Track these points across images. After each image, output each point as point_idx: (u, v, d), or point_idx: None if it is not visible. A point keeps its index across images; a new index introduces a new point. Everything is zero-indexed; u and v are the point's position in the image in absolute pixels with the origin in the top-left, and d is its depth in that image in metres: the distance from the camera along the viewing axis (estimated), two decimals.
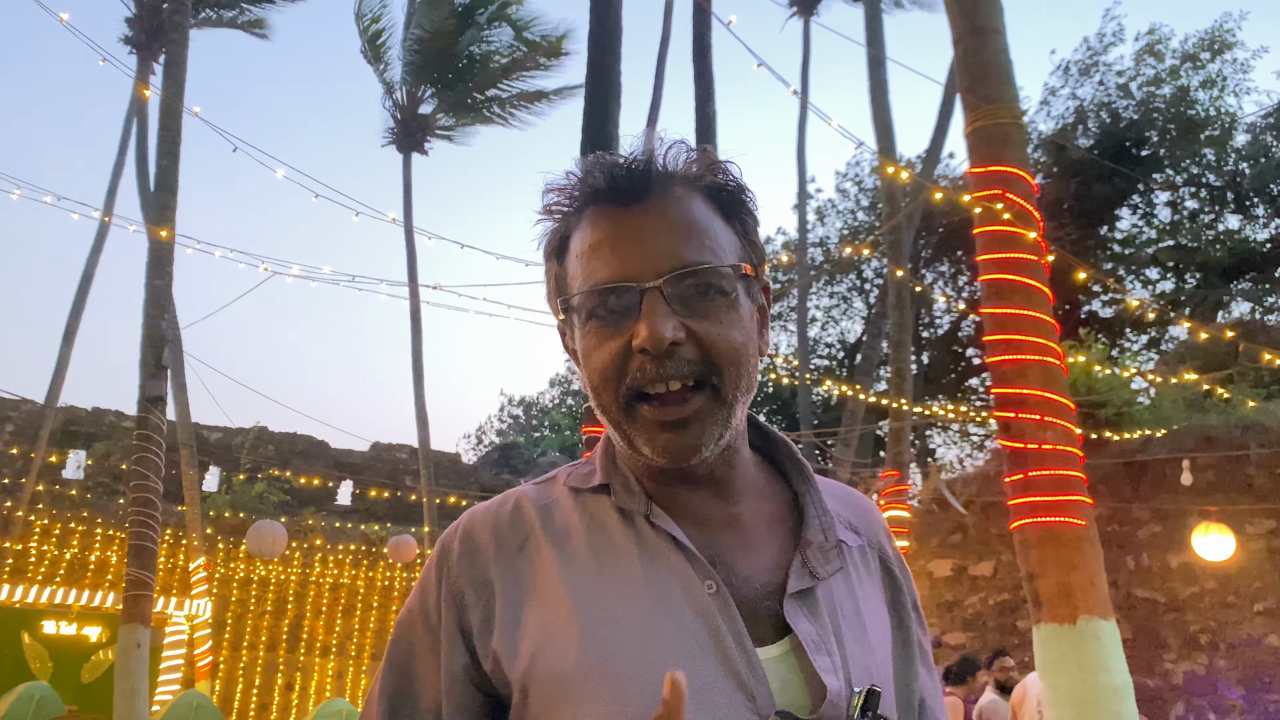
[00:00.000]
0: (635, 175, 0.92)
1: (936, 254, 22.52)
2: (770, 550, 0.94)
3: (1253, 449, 9.64)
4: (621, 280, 0.88)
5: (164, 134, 8.11)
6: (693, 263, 0.89)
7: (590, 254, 0.91)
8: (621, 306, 0.89)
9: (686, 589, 0.88)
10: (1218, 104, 20.41)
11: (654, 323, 0.86)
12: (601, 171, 0.93)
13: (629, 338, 0.88)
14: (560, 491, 0.99)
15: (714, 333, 0.89)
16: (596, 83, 7.97)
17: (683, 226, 0.91)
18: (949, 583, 11.34)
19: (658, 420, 0.88)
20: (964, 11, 4.24)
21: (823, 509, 0.97)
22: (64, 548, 14.15)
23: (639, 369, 0.87)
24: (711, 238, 0.92)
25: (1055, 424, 3.77)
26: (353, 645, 15.54)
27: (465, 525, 0.97)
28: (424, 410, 15.67)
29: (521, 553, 0.93)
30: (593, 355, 0.91)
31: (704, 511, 0.94)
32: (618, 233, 0.91)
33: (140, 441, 7.30)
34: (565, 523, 0.95)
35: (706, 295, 0.89)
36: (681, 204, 0.92)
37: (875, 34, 12.47)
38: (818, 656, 0.86)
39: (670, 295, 0.88)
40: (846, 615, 0.92)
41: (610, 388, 0.89)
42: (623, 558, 0.91)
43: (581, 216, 0.94)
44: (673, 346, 0.86)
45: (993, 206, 3.93)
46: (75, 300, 15.02)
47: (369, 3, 18.01)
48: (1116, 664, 3.50)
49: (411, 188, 17.43)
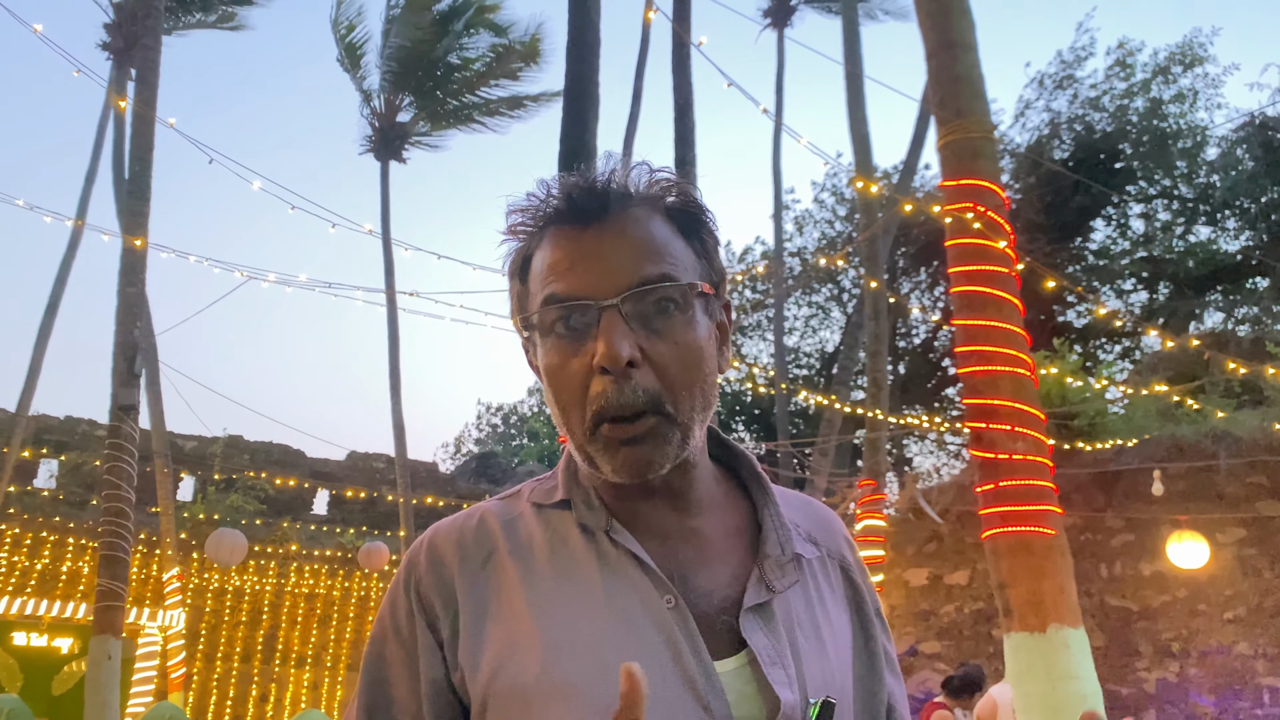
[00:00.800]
0: (594, 194, 0.93)
1: (914, 264, 22.68)
2: (729, 564, 0.95)
3: (1223, 459, 9.75)
4: (581, 297, 0.90)
5: (137, 140, 8.07)
6: (650, 279, 0.90)
7: (550, 272, 0.92)
8: (581, 324, 0.90)
9: (646, 603, 0.89)
10: (1189, 118, 20.70)
11: (611, 340, 0.87)
12: (561, 191, 0.94)
13: (590, 356, 0.89)
14: (524, 507, 1.00)
15: (669, 356, 0.90)
16: (574, 93, 7.99)
17: (641, 245, 0.92)
18: (925, 592, 11.39)
19: (616, 438, 0.89)
20: (936, 28, 4.30)
21: (780, 522, 0.99)
22: (35, 558, 13.99)
23: (601, 392, 0.89)
24: (670, 256, 0.93)
25: (1026, 434, 3.81)
26: (329, 656, 15.43)
27: (430, 539, 0.98)
28: (401, 419, 15.62)
29: (485, 568, 0.94)
30: (557, 374, 0.92)
31: (664, 526, 0.95)
32: (577, 251, 0.92)
33: (112, 450, 7.24)
34: (528, 538, 0.96)
35: (665, 312, 0.91)
36: (640, 223, 0.94)
37: (852, 46, 12.47)
38: (772, 669, 0.87)
39: (629, 313, 0.89)
40: (804, 627, 0.93)
41: (578, 409, 0.91)
42: (583, 573, 0.92)
43: (543, 236, 0.96)
44: (629, 367, 0.88)
45: (964, 219, 3.98)
46: (48, 307, 14.88)
47: (345, 11, 17.98)
48: (1086, 672, 3.54)
49: (389, 196, 17.40)
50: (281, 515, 16.73)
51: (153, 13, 8.19)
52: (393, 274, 16.25)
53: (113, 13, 15.88)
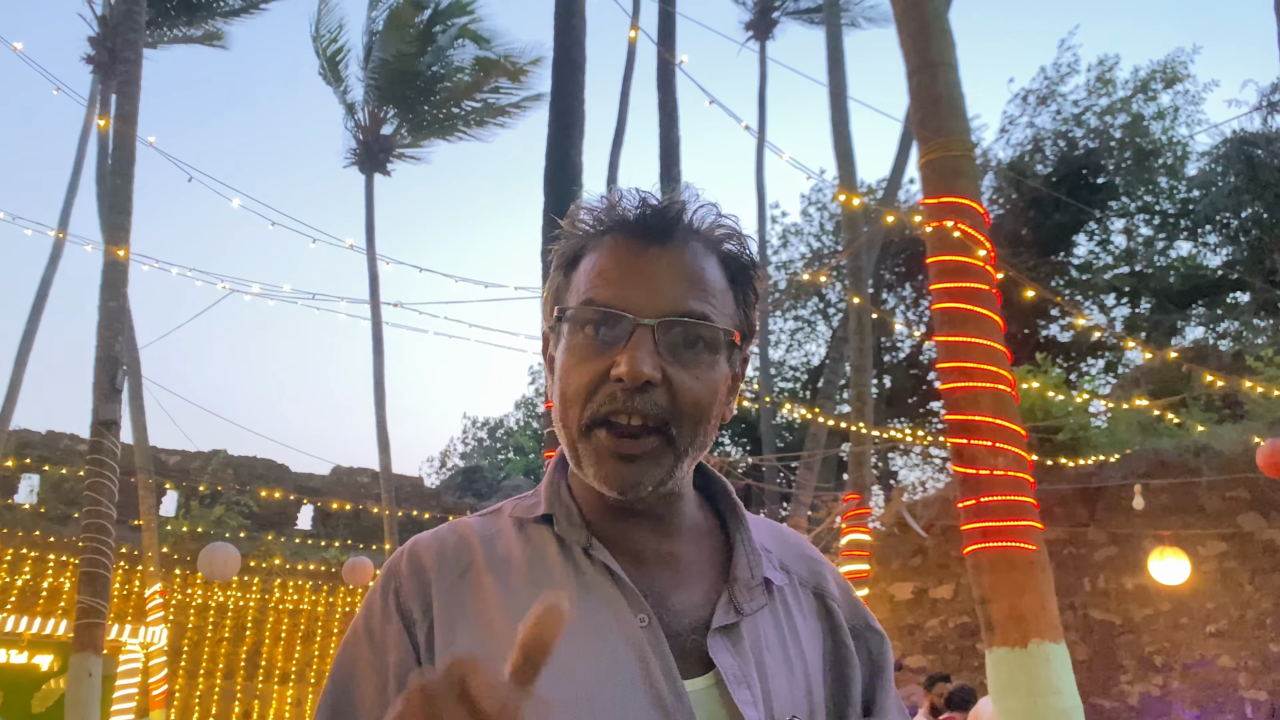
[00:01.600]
0: (665, 218, 0.96)
1: (899, 278, 22.82)
2: (702, 586, 0.97)
3: (1204, 473, 9.81)
4: (621, 308, 0.92)
5: (118, 155, 8.05)
6: (691, 313, 0.93)
7: (599, 275, 0.95)
8: (612, 333, 0.92)
9: (620, 621, 0.90)
10: (1170, 134, 20.92)
11: (637, 357, 0.89)
12: (634, 205, 0.97)
13: (609, 365, 0.91)
14: (505, 523, 1.01)
15: (687, 385, 0.92)
16: (560, 109, 8.03)
17: (692, 278, 0.95)
18: (910, 605, 11.41)
19: (610, 449, 0.91)
20: (917, 48, 4.34)
21: (751, 547, 1.01)
22: (15, 574, 13.86)
23: (609, 396, 0.91)
24: (715, 297, 0.96)
25: (1007, 450, 3.84)
26: (312, 672, 15.32)
27: (411, 548, 0.99)
28: (386, 433, 15.56)
29: (462, 580, 0.95)
30: (571, 371, 0.94)
31: (642, 547, 0.97)
32: (632, 264, 0.95)
33: (94, 466, 7.19)
34: (506, 553, 0.97)
35: (693, 348, 0.93)
36: (696, 258, 0.96)
37: (836, 59, 12.46)
38: (738, 690, 0.89)
39: (660, 337, 0.91)
40: (772, 650, 0.95)
41: (578, 406, 0.93)
42: (559, 588, 0.92)
43: (601, 240, 0.98)
44: (647, 384, 0.90)
45: (945, 236, 4.02)
46: (29, 322, 14.79)
47: (327, 24, 17.98)
48: (1067, 686, 3.56)
49: (374, 208, 17.37)
50: (265, 530, 16.63)
51: (134, 26, 8.18)
52: (377, 286, 16.22)
53: (97, 25, 15.86)
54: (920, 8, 4.36)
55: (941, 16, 4.42)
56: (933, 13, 4.35)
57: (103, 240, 8.79)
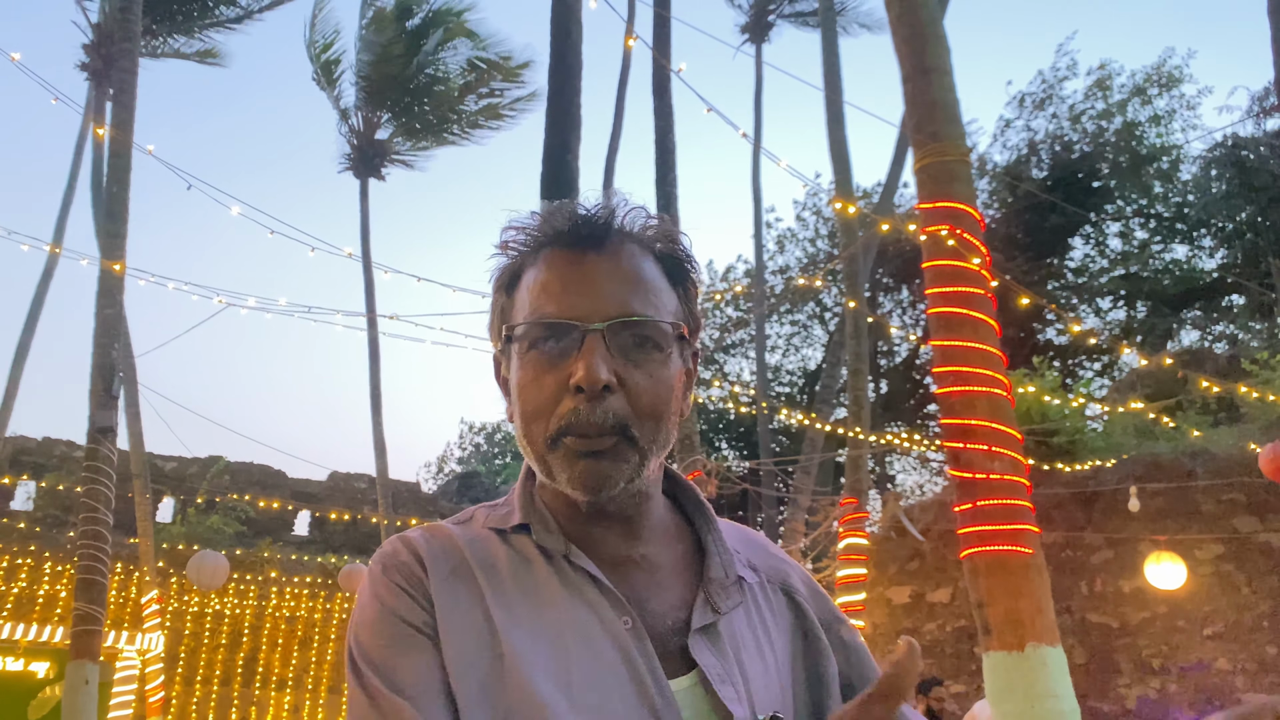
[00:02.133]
0: (597, 225, 0.98)
1: (896, 281, 22.84)
2: (677, 588, 0.99)
3: (1200, 476, 9.83)
4: (568, 318, 0.93)
5: (114, 163, 8.05)
6: (637, 313, 0.94)
7: (541, 290, 0.96)
8: (562, 344, 0.94)
9: (605, 625, 0.92)
10: (1165, 138, 20.98)
11: (592, 363, 0.91)
12: (565, 216, 0.98)
13: (566, 375, 0.92)
14: (481, 530, 1.02)
15: (642, 386, 0.94)
16: (557, 114, 8.04)
17: (632, 280, 0.97)
18: (907, 610, 11.41)
19: (577, 450, 0.93)
20: (912, 54, 4.36)
21: (723, 548, 1.03)
22: (11, 581, 13.83)
23: (571, 410, 0.92)
24: (656, 296, 0.98)
25: (1003, 454, 3.85)
26: (310, 678, 15.29)
27: (403, 541, 0.99)
28: (382, 439, 15.55)
29: (454, 575, 0.96)
30: (528, 387, 0.95)
31: (616, 552, 0.99)
32: (571, 275, 0.96)
33: (90, 473, 7.19)
34: (492, 557, 0.98)
35: (643, 347, 0.95)
36: (633, 260, 0.98)
37: (831, 64, 12.49)
38: (722, 687, 0.91)
39: (610, 341, 0.93)
40: (748, 647, 0.97)
41: (541, 421, 0.94)
42: (546, 594, 0.95)
43: (538, 256, 0.99)
44: (605, 389, 0.91)
45: (940, 241, 4.03)
46: (24, 329, 14.80)
47: (320, 29, 18.00)
48: (1064, 690, 3.56)
49: (369, 214, 17.38)
50: (262, 536, 16.61)
51: (130, 35, 8.19)
52: (373, 294, 16.22)
53: (91, 33, 15.87)
54: (914, 14, 4.38)
55: (935, 22, 4.44)
56: (927, 19, 4.37)
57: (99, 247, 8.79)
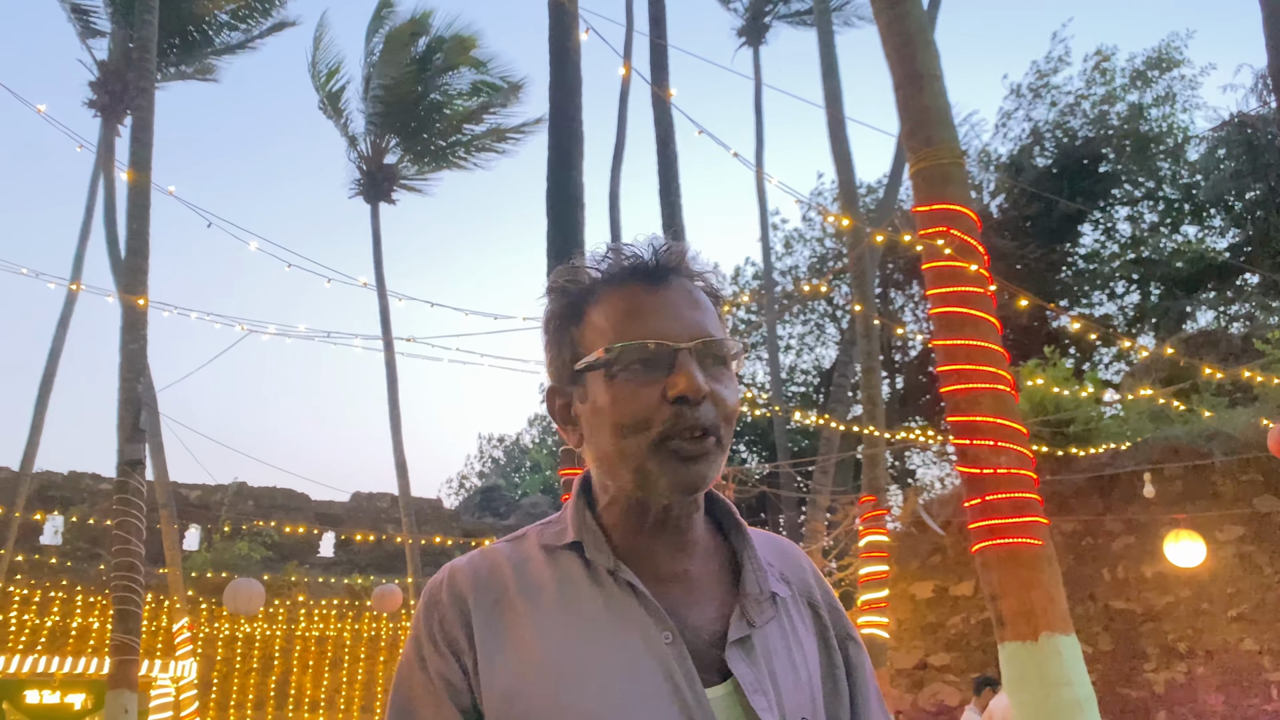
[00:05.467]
0: (659, 261, 1.10)
1: (906, 277, 22.83)
2: (715, 602, 1.08)
3: (1217, 457, 9.84)
4: (661, 338, 1.04)
5: (133, 199, 8.20)
6: (715, 335, 1.07)
7: (625, 318, 1.06)
8: (657, 363, 1.04)
9: (646, 638, 1.01)
10: (1169, 120, 20.94)
11: (693, 375, 1.02)
12: (634, 254, 1.10)
13: (661, 389, 1.02)
14: (532, 549, 1.11)
15: (723, 395, 1.06)
16: (559, 133, 8.15)
17: (701, 306, 1.10)
18: (931, 604, 11.44)
19: (682, 455, 1.02)
20: (902, 60, 4.45)
21: (757, 564, 1.12)
22: (44, 615, 14.03)
23: (675, 415, 1.02)
24: (718, 320, 1.11)
25: (1009, 448, 3.92)
26: (341, 699, 15.43)
27: (449, 577, 1.08)
28: (403, 458, 15.69)
29: (496, 607, 1.05)
30: (625, 404, 1.03)
31: (662, 568, 1.08)
32: (650, 302, 1.07)
33: (120, 505, 7.33)
34: (538, 579, 1.07)
35: (719, 364, 1.07)
36: (695, 291, 1.11)
37: (829, 64, 12.55)
38: (755, 697, 1.00)
39: (699, 357, 1.05)
40: (780, 658, 1.06)
41: (640, 431, 1.03)
42: (589, 610, 1.03)
43: (600, 292, 1.10)
44: (703, 397, 1.02)
45: (935, 244, 4.12)
46: (47, 364, 15.01)
47: (323, 58, 18.20)
48: (1079, 678, 3.63)
49: (381, 238, 17.55)
50: (288, 560, 16.77)
51: (144, 74, 8.35)
52: (388, 317, 16.38)
53: (97, 70, 16.10)
54: (903, 22, 4.47)
55: (925, 30, 4.52)
56: (916, 27, 4.46)
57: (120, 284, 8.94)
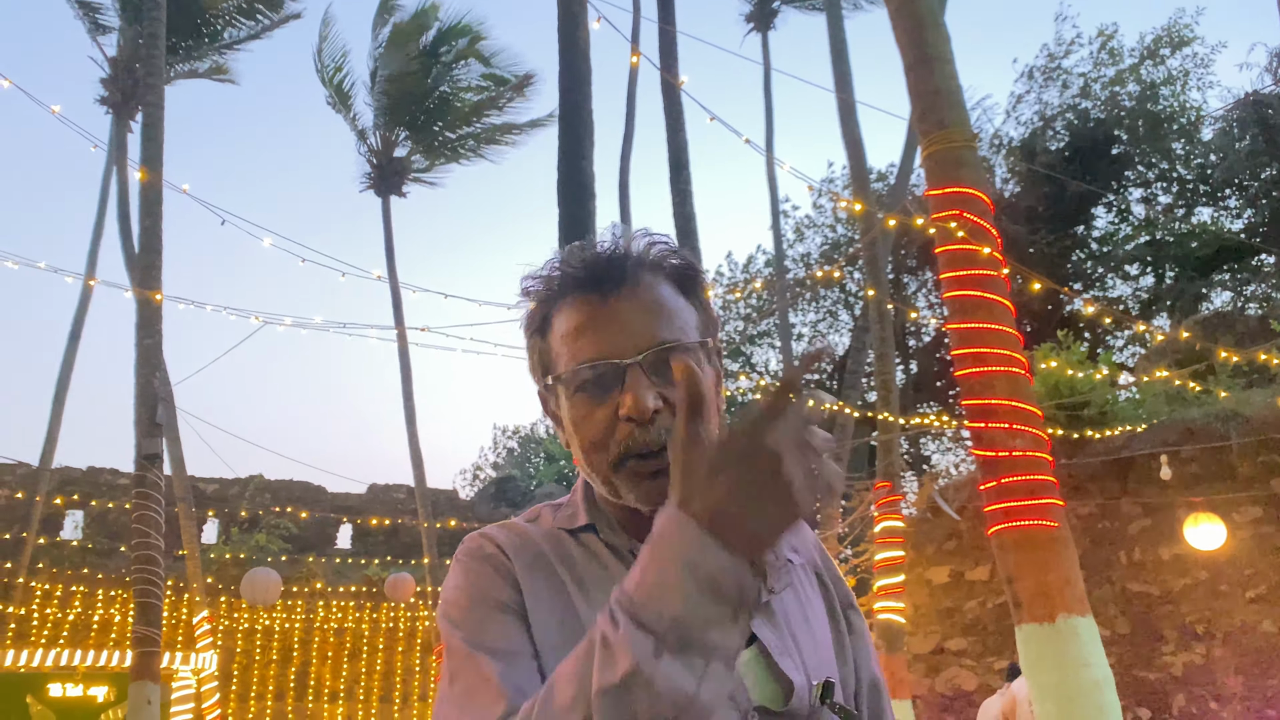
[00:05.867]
0: (611, 265, 1.07)
1: (920, 262, 22.75)
2: None
3: (1234, 439, 9.79)
4: (606, 357, 1.03)
5: (146, 196, 8.24)
6: (666, 340, 1.03)
7: (575, 336, 1.05)
8: (606, 381, 1.03)
9: None
10: (1182, 99, 20.76)
11: (638, 394, 1.00)
12: (580, 262, 1.08)
13: (614, 407, 1.02)
14: (550, 528, 1.12)
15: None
16: (569, 121, 8.15)
17: (654, 309, 1.06)
18: (947, 589, 11.44)
19: (643, 472, 1.02)
20: (912, 44, 4.43)
21: None
22: (66, 609, 14.17)
23: (627, 436, 1.01)
24: (679, 317, 1.07)
25: (1024, 431, 3.92)
26: (361, 689, 15.53)
27: (486, 538, 1.08)
28: (418, 449, 15.75)
29: (533, 567, 1.06)
30: (583, 424, 1.04)
31: None
32: (599, 316, 1.05)
33: (139, 499, 7.39)
34: (568, 553, 1.08)
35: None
36: (651, 289, 1.07)
37: (839, 49, 12.47)
38: (782, 659, 1.02)
39: (649, 370, 1.02)
40: (796, 622, 1.08)
41: (602, 450, 1.03)
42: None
43: (562, 300, 1.09)
44: (654, 414, 1.00)
45: (948, 227, 4.11)
46: (64, 361, 15.12)
47: (329, 52, 18.20)
48: (1096, 659, 3.63)
49: (392, 230, 17.59)
50: (306, 552, 16.88)
51: (154, 70, 8.38)
52: (401, 309, 16.43)
53: (108, 67, 16.17)
54: (914, 5, 4.45)
55: (935, 12, 4.50)
56: (926, 9, 4.44)
57: (134, 279, 8.99)
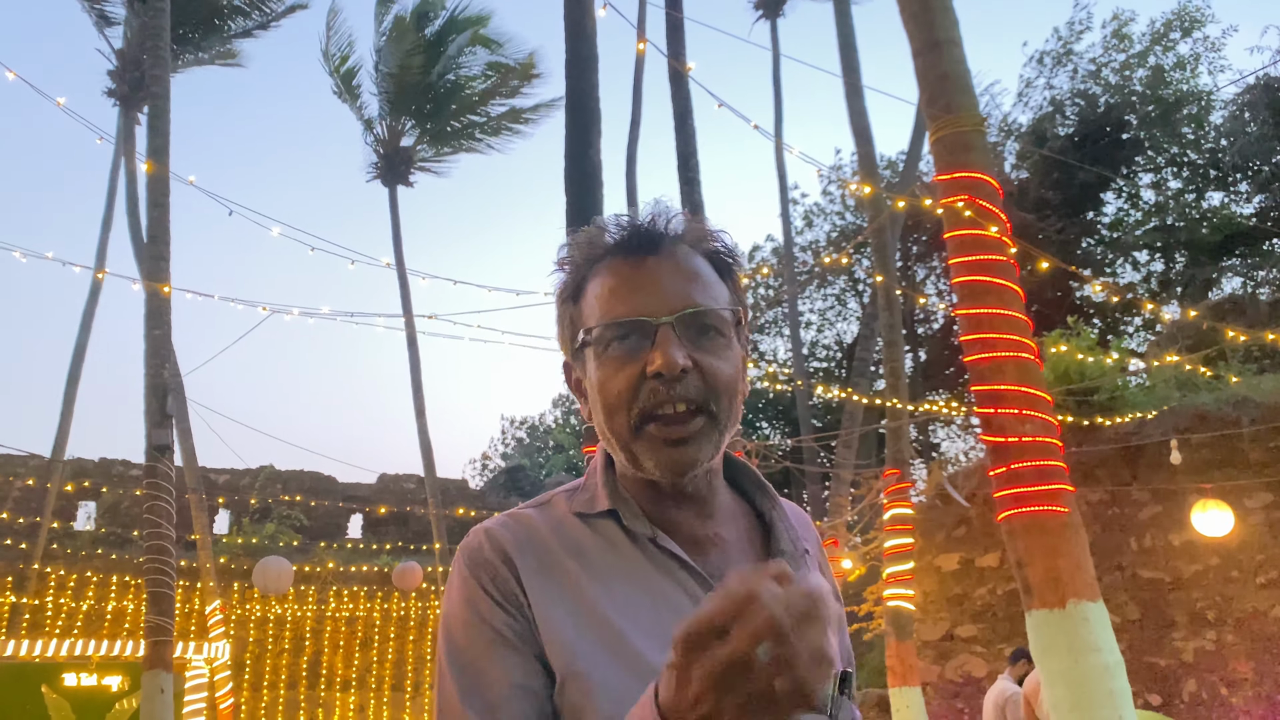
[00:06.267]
0: (650, 233, 1.09)
1: (928, 249, 22.68)
2: (750, 562, 1.09)
3: (1245, 424, 9.74)
4: (639, 315, 1.03)
5: (153, 187, 8.25)
6: (699, 304, 1.04)
7: (610, 295, 1.06)
8: (637, 339, 1.03)
9: (693, 601, 1.02)
10: (1192, 83, 20.61)
11: (669, 351, 1.00)
12: (621, 227, 1.09)
13: (643, 366, 1.02)
14: (563, 514, 1.11)
15: (715, 365, 1.04)
16: (576, 109, 8.11)
17: (689, 275, 1.07)
18: (957, 576, 11.43)
19: (663, 437, 1.02)
20: (921, 27, 4.40)
21: (789, 524, 1.14)
22: (80, 599, 14.26)
23: (651, 392, 1.01)
24: (713, 288, 1.08)
25: (1034, 416, 3.90)
26: (372, 678, 15.61)
27: (486, 537, 1.07)
28: (428, 439, 15.80)
29: (544, 564, 1.05)
30: (609, 381, 1.04)
31: (693, 533, 1.09)
32: (635, 277, 1.06)
33: (150, 490, 7.42)
34: (579, 543, 1.08)
35: (708, 334, 1.05)
36: (687, 259, 1.09)
37: (846, 36, 12.43)
38: None
39: (680, 331, 1.03)
40: None
41: (624, 409, 1.03)
42: (638, 575, 1.05)
43: (599, 265, 1.10)
44: (682, 373, 1.01)
45: (958, 211, 4.08)
46: (74, 353, 15.18)
47: (335, 42, 18.19)
48: (1107, 644, 3.62)
49: (399, 220, 17.60)
50: (317, 541, 16.95)
51: (159, 62, 8.38)
52: (409, 298, 16.45)
53: (115, 60, 16.18)
54: None
55: None
56: None
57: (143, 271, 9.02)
